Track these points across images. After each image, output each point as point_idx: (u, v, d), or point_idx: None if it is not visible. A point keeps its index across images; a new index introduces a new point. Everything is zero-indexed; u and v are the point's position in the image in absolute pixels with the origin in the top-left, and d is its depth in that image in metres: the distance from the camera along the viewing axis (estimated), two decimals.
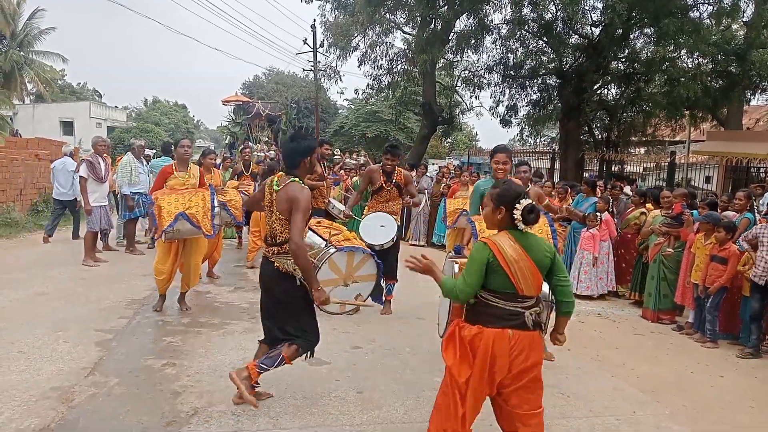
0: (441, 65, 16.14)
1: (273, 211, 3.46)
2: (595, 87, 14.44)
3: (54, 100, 35.30)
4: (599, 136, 16.81)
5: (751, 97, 14.59)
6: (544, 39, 14.32)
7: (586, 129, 16.52)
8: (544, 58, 15.30)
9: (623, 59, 14.20)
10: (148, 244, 9.09)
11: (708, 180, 15.43)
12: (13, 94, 30.26)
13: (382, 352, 4.84)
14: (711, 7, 12.41)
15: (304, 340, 3.50)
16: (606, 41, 13.01)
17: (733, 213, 6.37)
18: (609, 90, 15.73)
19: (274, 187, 3.45)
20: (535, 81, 16.07)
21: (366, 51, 16.68)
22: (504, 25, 14.77)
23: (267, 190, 3.54)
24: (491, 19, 14.53)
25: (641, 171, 16.00)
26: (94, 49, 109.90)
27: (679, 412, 3.97)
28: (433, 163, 23.58)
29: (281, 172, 3.52)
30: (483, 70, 16.42)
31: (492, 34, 14.79)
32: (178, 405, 3.60)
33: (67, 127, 34.52)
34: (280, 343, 3.53)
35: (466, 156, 24.22)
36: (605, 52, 13.24)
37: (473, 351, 2.65)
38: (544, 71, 15.50)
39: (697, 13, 12.54)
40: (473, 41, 14.25)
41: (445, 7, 14.03)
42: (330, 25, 17.20)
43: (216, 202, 5.59)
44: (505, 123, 16.93)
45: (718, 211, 6.44)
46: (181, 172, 5.63)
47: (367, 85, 18.50)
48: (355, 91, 33.58)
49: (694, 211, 6.53)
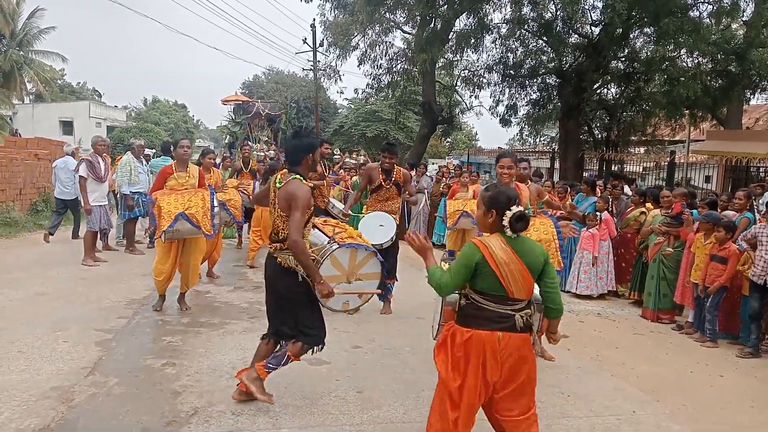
0: (441, 65, 16.12)
1: (275, 207, 3.49)
2: (594, 86, 14.42)
3: (53, 99, 35.24)
4: (599, 136, 16.80)
5: (751, 96, 14.59)
6: (544, 38, 14.31)
7: (586, 128, 16.51)
8: (544, 58, 15.29)
9: (623, 59, 14.20)
10: (148, 244, 9.11)
11: (708, 179, 15.42)
12: (13, 94, 30.23)
13: (382, 351, 4.85)
14: (711, 6, 12.41)
15: (307, 336, 3.51)
16: (606, 41, 13.00)
17: (733, 212, 6.37)
18: (609, 89, 15.72)
19: (277, 185, 3.49)
20: (534, 80, 16.06)
21: (366, 50, 16.65)
22: (504, 25, 14.77)
23: (271, 188, 3.58)
24: (491, 19, 14.53)
25: (641, 170, 15.99)
26: (94, 49, 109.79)
27: (679, 412, 3.98)
28: (432, 163, 23.56)
29: (284, 170, 3.54)
30: (483, 70, 16.40)
31: (492, 33, 14.79)
32: (178, 405, 3.60)
33: (67, 126, 34.48)
34: (283, 340, 3.56)
35: (466, 155, 24.22)
36: (605, 51, 13.23)
37: (466, 355, 2.67)
38: (543, 71, 15.49)
39: (696, 13, 12.56)
40: (473, 41, 14.25)
41: (445, 6, 14.01)
42: (330, 24, 17.16)
43: (215, 202, 5.60)
44: (504, 122, 16.91)
45: (718, 210, 6.44)
46: (180, 172, 5.63)
47: (367, 84, 18.46)
48: (355, 90, 33.64)
49: (693, 211, 6.53)
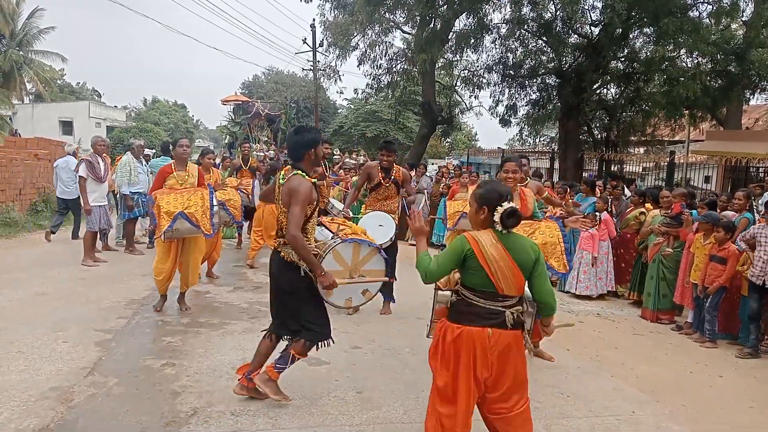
0: (440, 65, 16.12)
1: (279, 204, 3.53)
2: (594, 87, 14.42)
3: (53, 99, 35.23)
4: (598, 136, 16.80)
5: (751, 96, 14.60)
6: (544, 38, 14.31)
7: (586, 129, 16.51)
8: (544, 58, 15.29)
9: (623, 59, 14.20)
10: (147, 245, 9.10)
11: (707, 180, 15.40)
12: (13, 94, 30.20)
13: (382, 352, 4.85)
14: (710, 6, 12.42)
15: (310, 332, 3.53)
16: (605, 41, 13.00)
17: (733, 213, 6.37)
18: (608, 90, 15.72)
19: (280, 181, 3.53)
20: (534, 80, 16.06)
21: (365, 50, 16.65)
22: (503, 25, 14.77)
23: (276, 184, 3.62)
24: (491, 19, 14.54)
25: (640, 171, 15.99)
26: (94, 49, 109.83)
27: (678, 412, 3.98)
28: (432, 163, 23.56)
29: (288, 166, 3.58)
30: (482, 70, 16.41)
31: (491, 33, 14.79)
32: (178, 405, 3.60)
33: (67, 126, 34.47)
34: (285, 335, 3.61)
35: (466, 156, 24.23)
36: (605, 51, 13.23)
37: (456, 352, 2.68)
38: (543, 71, 15.49)
39: (696, 13, 12.56)
40: (473, 41, 14.26)
41: (445, 6, 14.00)
42: (329, 24, 17.16)
43: (215, 201, 5.60)
44: (504, 123, 16.92)
45: (718, 210, 6.44)
46: (179, 171, 5.64)
47: (367, 84, 18.47)
48: (355, 90, 33.62)
49: (693, 211, 6.53)
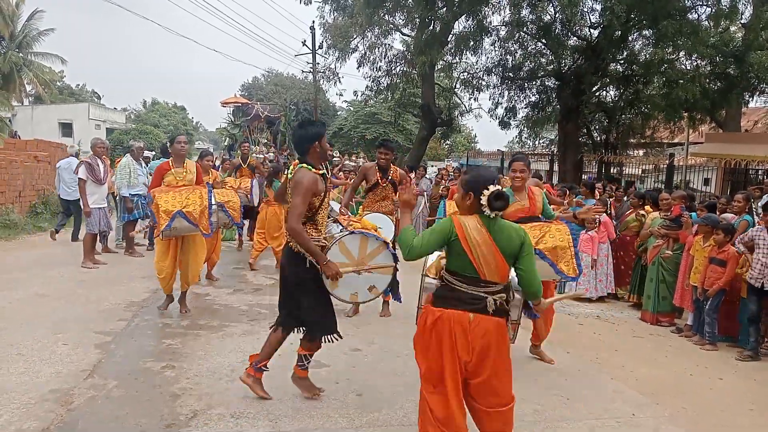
0: (440, 67, 16.15)
1: (289, 197, 3.58)
2: (593, 89, 14.46)
3: (53, 101, 35.23)
4: (598, 138, 16.84)
5: (750, 99, 14.63)
6: (543, 41, 14.34)
7: (585, 131, 16.55)
8: (543, 60, 15.33)
9: (622, 61, 14.24)
10: (147, 247, 9.10)
11: (707, 182, 15.43)
12: (12, 96, 30.15)
13: (382, 354, 4.84)
14: (709, 9, 12.44)
15: (315, 326, 3.59)
16: (604, 43, 13.04)
17: (732, 215, 6.38)
18: (608, 92, 15.77)
19: (288, 176, 3.58)
20: (533, 83, 16.09)
21: (365, 53, 16.70)
22: (503, 27, 14.82)
23: (286, 181, 3.68)
24: (490, 21, 14.59)
25: (640, 173, 16.02)
26: (93, 51, 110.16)
27: (678, 415, 3.98)
28: (432, 165, 23.55)
29: (296, 161, 3.64)
30: (482, 72, 16.44)
31: (491, 35, 14.83)
32: (177, 407, 3.59)
33: (66, 128, 34.49)
34: (291, 326, 3.70)
35: (465, 158, 24.22)
36: (604, 53, 13.26)
37: (438, 335, 2.69)
38: (542, 73, 15.53)
39: (695, 15, 12.59)
40: (472, 43, 14.30)
41: (444, 8, 14.03)
42: (329, 26, 17.21)
43: (213, 200, 5.61)
44: (503, 125, 16.93)
45: (717, 213, 6.45)
46: (177, 167, 5.64)
47: (366, 86, 18.53)
48: (354, 92, 33.72)
49: (692, 214, 6.54)
